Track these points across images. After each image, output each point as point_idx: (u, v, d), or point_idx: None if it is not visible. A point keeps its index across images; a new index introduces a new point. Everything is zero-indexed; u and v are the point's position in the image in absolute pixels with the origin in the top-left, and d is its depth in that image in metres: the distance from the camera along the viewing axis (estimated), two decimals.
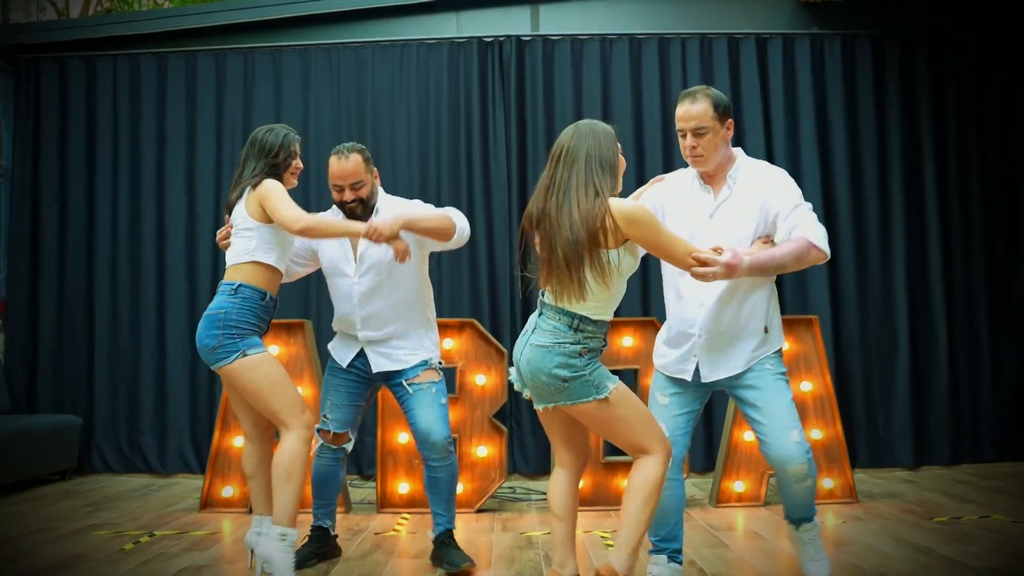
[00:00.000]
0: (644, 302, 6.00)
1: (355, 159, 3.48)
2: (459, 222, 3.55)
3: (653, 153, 6.15)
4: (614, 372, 2.92)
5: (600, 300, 2.63)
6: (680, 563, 3.08)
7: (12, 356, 6.28)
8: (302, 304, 5.99)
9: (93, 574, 3.44)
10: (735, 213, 2.98)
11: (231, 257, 3.33)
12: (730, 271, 2.69)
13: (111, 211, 6.34)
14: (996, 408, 6.18)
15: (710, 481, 5.28)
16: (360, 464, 5.85)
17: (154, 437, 6.15)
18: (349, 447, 3.64)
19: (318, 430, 3.57)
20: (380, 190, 3.67)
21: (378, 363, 3.55)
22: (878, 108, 6.29)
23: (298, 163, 3.43)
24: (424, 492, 3.63)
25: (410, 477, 4.81)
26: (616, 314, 2.88)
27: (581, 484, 4.70)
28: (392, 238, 3.23)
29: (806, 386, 5.00)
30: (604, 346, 2.73)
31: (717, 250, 2.72)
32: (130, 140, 6.38)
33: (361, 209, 3.51)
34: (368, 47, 6.35)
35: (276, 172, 3.33)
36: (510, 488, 5.42)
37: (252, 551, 3.33)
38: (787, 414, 2.92)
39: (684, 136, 2.97)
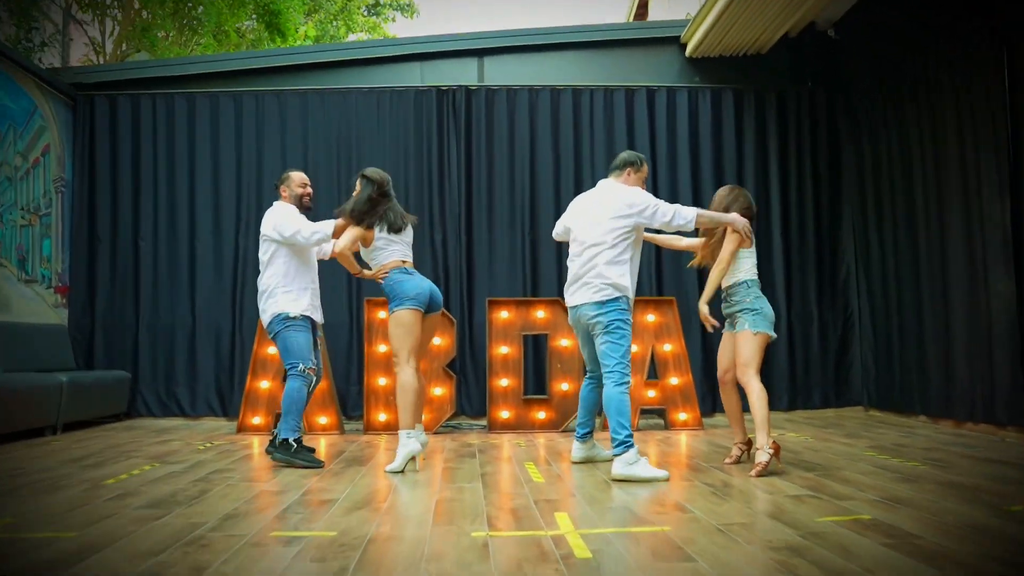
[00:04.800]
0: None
1: None
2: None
3: (567, 181, 8.19)
4: (532, 337, 4.78)
5: None
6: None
7: (74, 327, 8.12)
8: None
9: (190, 458, 5.36)
10: None
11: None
12: None
13: (152, 215, 8.21)
14: (823, 368, 8.33)
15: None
16: (346, 407, 7.79)
17: (186, 387, 8.04)
18: None
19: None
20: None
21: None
22: (738, 144, 8.39)
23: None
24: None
25: (387, 409, 6.79)
26: (534, 295, 4.66)
27: (506, 415, 6.74)
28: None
29: (668, 347, 7.05)
30: None
31: None
32: (167, 160, 8.25)
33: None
34: (353, 92, 8.30)
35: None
36: (458, 423, 7.43)
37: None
38: None
39: None
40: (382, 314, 6.88)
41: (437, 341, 6.84)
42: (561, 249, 8.05)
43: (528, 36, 8.60)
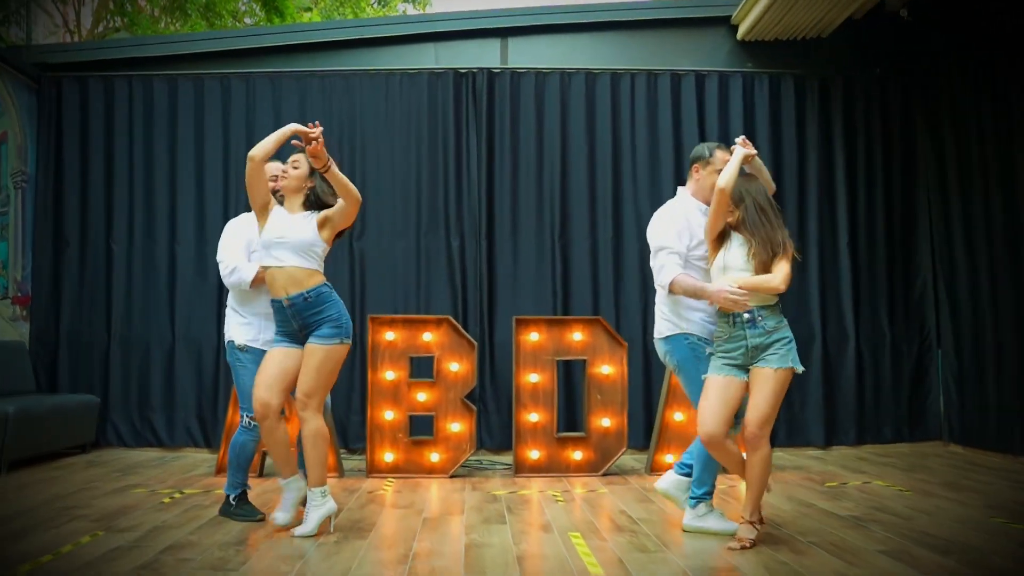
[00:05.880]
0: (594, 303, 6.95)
1: None
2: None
3: (603, 178, 7.10)
4: (564, 362, 3.76)
5: None
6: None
7: (36, 343, 7.06)
8: None
9: (147, 519, 4.29)
10: None
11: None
12: None
13: (127, 214, 7.16)
14: (895, 396, 7.22)
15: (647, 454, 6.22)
16: (347, 439, 6.73)
17: (163, 413, 6.98)
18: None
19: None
20: None
21: None
22: (799, 138, 7.30)
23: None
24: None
25: (394, 448, 5.71)
26: (565, 312, 3.67)
27: (536, 455, 5.69)
28: None
29: None
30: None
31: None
32: (144, 152, 7.19)
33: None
34: (357, 75, 7.23)
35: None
36: (478, 460, 6.35)
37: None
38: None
39: None
40: (390, 335, 5.81)
41: (455, 368, 5.78)
42: (596, 258, 7.00)
43: (559, 14, 7.52)
